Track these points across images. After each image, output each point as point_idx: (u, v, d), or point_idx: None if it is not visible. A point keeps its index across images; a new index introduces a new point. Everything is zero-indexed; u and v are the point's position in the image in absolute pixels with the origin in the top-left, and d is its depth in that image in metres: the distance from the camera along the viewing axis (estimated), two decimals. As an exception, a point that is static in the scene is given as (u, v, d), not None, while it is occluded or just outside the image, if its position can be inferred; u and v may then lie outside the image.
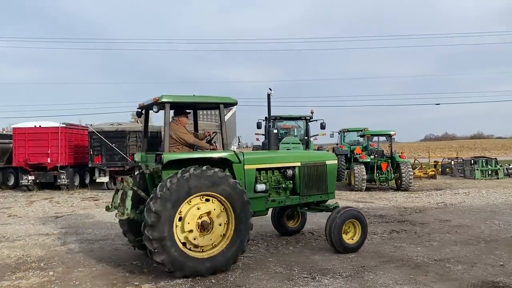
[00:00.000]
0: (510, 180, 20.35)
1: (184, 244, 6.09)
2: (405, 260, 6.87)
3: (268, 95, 8.46)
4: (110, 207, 7.10)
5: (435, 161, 27.39)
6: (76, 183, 20.32)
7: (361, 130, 22.22)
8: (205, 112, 22.39)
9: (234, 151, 6.97)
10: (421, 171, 23.00)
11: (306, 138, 19.89)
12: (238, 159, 6.83)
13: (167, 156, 6.27)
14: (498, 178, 20.88)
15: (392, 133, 18.99)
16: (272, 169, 7.59)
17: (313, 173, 7.88)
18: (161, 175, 6.42)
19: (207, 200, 6.25)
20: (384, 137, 20.03)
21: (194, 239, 6.10)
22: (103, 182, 19.82)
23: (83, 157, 20.57)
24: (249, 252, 7.52)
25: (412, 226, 9.61)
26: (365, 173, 17.41)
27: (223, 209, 6.35)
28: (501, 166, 22.13)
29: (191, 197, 6.09)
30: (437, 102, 60.67)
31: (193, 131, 7.82)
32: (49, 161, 19.27)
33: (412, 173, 17.96)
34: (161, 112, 6.73)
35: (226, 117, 20.69)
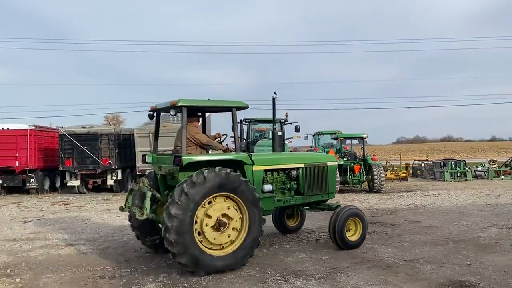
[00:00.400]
0: (478, 181, 20.96)
1: (203, 243, 6.35)
2: (376, 261, 6.98)
3: (273, 99, 8.60)
4: (124, 207, 7.26)
5: (406, 164, 27.96)
6: (46, 187, 19.81)
7: (335, 133, 22.48)
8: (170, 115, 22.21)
9: (248, 153, 7.27)
10: (392, 173, 23.45)
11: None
12: (252, 161, 7.13)
13: (186, 158, 6.49)
14: (466, 180, 21.48)
15: (364, 136, 19.29)
16: (277, 170, 7.89)
17: (315, 174, 8.20)
18: (176, 176, 6.65)
19: (223, 200, 6.54)
20: (357, 140, 20.33)
21: (214, 238, 6.40)
22: (74, 186, 19.38)
23: (53, 160, 20.11)
24: (223, 255, 7.49)
25: (384, 228, 9.77)
26: (338, 175, 17.61)
27: (238, 208, 6.65)
28: (469, 168, 22.77)
29: (208, 198, 6.35)
30: (408, 106, 61.91)
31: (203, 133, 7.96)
32: (17, 164, 18.72)
33: (384, 175, 18.28)
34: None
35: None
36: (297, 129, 20.18)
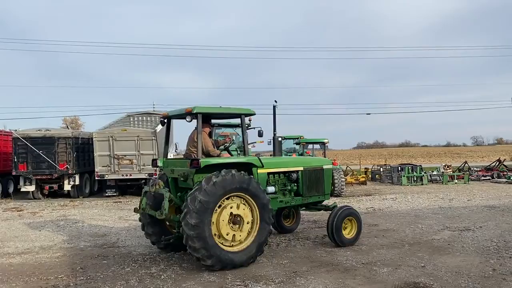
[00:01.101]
0: (433, 186, 21.72)
1: (216, 235, 6.75)
2: (335, 264, 7.10)
3: (274, 107, 9.09)
4: (138, 208, 7.74)
5: (365, 168, 28.62)
6: (-2, 192, 18.96)
7: (297, 138, 22.71)
8: (140, 118, 21.86)
9: (258, 157, 7.78)
10: (352, 177, 23.93)
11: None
12: (261, 163, 7.64)
13: (204, 161, 6.94)
14: (422, 184, 22.21)
15: (325, 141, 19.59)
16: (279, 173, 8.39)
17: (313, 177, 8.78)
18: (191, 178, 7.10)
19: (237, 200, 7.00)
20: (319, 144, 20.62)
21: (227, 234, 6.82)
22: (29, 192, 18.64)
23: (6, 164, 19.32)
24: (183, 262, 7.42)
25: (343, 231, 9.93)
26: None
27: (250, 207, 7.12)
28: (425, 172, 23.55)
29: (224, 197, 6.81)
30: (368, 112, 63.67)
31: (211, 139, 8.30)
32: (-34, 169, 17.84)
33: (344, 179, 18.63)
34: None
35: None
36: (260, 134, 20.16)
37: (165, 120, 8.07)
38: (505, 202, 14.22)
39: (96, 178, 18.45)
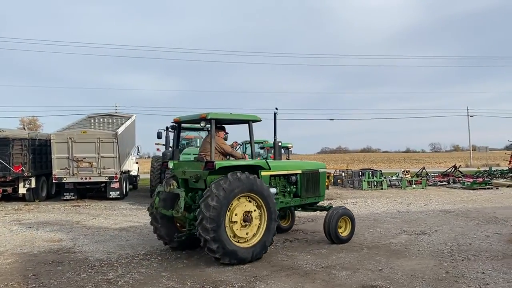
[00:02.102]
0: (392, 190, 22.28)
1: (231, 236, 7.24)
2: (295, 268, 7.15)
3: (275, 114, 9.47)
4: (151, 207, 8.18)
5: (328, 173, 29.02)
6: None
7: (262, 142, 22.80)
8: (102, 120, 21.36)
9: (266, 160, 8.53)
10: (315, 182, 24.20)
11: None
12: (269, 166, 8.28)
13: (219, 163, 7.42)
14: (382, 189, 22.75)
15: (289, 145, 19.78)
16: (280, 175, 8.94)
17: (310, 179, 9.43)
18: (204, 180, 7.59)
19: (248, 199, 7.52)
20: (283, 149, 20.78)
21: (237, 230, 7.34)
22: (-20, 195, 17.77)
23: (-44, 166, 18.29)
24: (141, 267, 7.27)
25: (304, 235, 10.05)
26: None
27: (258, 206, 7.63)
28: (385, 177, 24.16)
29: (238, 196, 7.31)
30: (331, 118, 64.85)
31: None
32: None
33: (307, 184, 18.79)
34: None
35: (125, 126, 19.91)
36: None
37: (176, 125, 8.60)
38: (459, 207, 14.78)
39: (54, 181, 17.82)
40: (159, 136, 18.81)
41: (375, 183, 23.05)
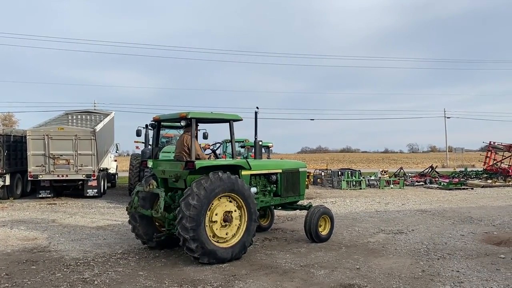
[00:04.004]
0: (371, 190, 22.54)
1: (211, 236, 7.18)
2: (274, 267, 7.16)
3: (255, 113, 9.45)
4: (130, 207, 8.03)
5: (308, 172, 29.19)
6: None
7: (242, 141, 22.77)
8: (80, 117, 20.99)
9: (246, 160, 8.48)
10: (295, 181, 24.31)
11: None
12: (249, 166, 8.22)
13: (199, 163, 7.35)
14: (361, 188, 23.00)
15: (270, 145, 19.82)
16: (261, 175, 8.92)
17: (290, 179, 9.45)
18: (184, 179, 7.55)
19: (228, 199, 7.48)
20: (263, 148, 20.79)
21: (217, 229, 7.28)
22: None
23: None
24: (119, 266, 7.17)
25: (283, 234, 10.08)
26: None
27: (239, 207, 7.59)
28: (363, 177, 24.44)
29: (219, 195, 7.25)
30: (312, 118, 65.25)
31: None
32: None
33: (287, 183, 18.85)
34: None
35: (103, 123, 19.61)
36: (205, 136, 20.13)
37: (156, 123, 8.43)
38: (436, 207, 15.05)
39: (29, 178, 17.43)
40: (138, 134, 18.57)
41: (354, 182, 23.28)
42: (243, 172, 8.22)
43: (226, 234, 7.42)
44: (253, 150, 20.94)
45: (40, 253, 8.20)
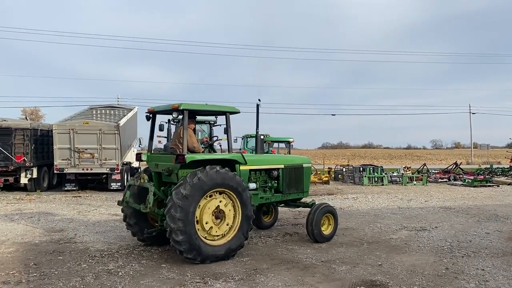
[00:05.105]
0: (393, 186, 22.28)
1: (206, 237, 6.93)
2: (295, 262, 7.17)
3: (257, 106, 9.17)
4: (122, 201, 7.82)
5: (329, 168, 29.06)
6: (-52, 184, 18.02)
7: (263, 136, 22.79)
8: (104, 111, 21.33)
9: (241, 154, 7.97)
10: (316, 176, 24.24)
11: (209, 142, 19.84)
12: (245, 160, 7.81)
13: (189, 157, 7.03)
14: (383, 185, 22.75)
15: (291, 140, 19.80)
16: (261, 170, 8.55)
17: (293, 174, 9.01)
18: (176, 174, 7.25)
19: (220, 194, 7.14)
20: (284, 143, 20.80)
21: (211, 228, 6.99)
22: (-18, 184, 17.82)
23: (-42, 155, 18.33)
24: (142, 258, 7.30)
25: (304, 229, 10.01)
26: None
27: (232, 202, 7.26)
28: (386, 173, 24.15)
29: (208, 192, 6.92)
30: (333, 113, 64.65)
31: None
32: None
33: (307, 178, 18.78)
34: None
35: (126, 118, 19.90)
36: (225, 131, 20.25)
37: (150, 115, 8.13)
38: (460, 204, 14.78)
39: (55, 171, 17.86)
40: (161, 128, 18.69)
41: (375, 179, 23.04)
42: (242, 167, 7.89)
43: (216, 231, 7.07)
44: (274, 145, 21.04)
45: (66, 244, 8.42)
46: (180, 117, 7.82)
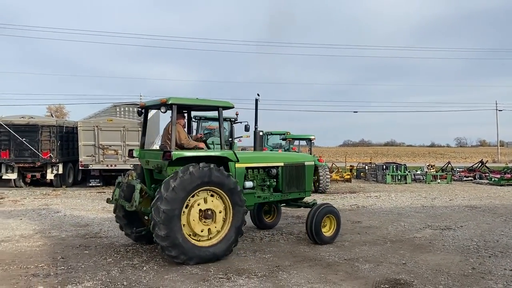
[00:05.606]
0: (416, 185, 21.96)
1: (191, 235, 6.69)
2: (318, 259, 7.14)
3: (256, 100, 8.97)
4: (111, 199, 7.66)
5: (350, 166, 28.81)
6: (-21, 179, 18.61)
7: (284, 134, 22.73)
8: (127, 109, 21.65)
9: (233, 151, 7.66)
10: (337, 174, 24.08)
11: (230, 139, 19.91)
12: (236, 158, 7.46)
13: (176, 154, 6.78)
14: (406, 183, 22.44)
15: (312, 137, 19.67)
16: (258, 168, 8.22)
17: (293, 173, 8.62)
18: (165, 171, 7.01)
19: (208, 193, 6.88)
20: (305, 141, 20.71)
21: (201, 230, 6.76)
22: (10, 179, 18.35)
23: (-13, 151, 18.91)
24: (166, 253, 7.38)
25: (327, 227, 10.00)
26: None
27: (222, 200, 7.00)
28: (409, 172, 23.81)
29: (193, 192, 6.67)
30: (355, 110, 64.09)
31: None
32: None
33: (329, 176, 18.70)
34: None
35: (149, 115, 20.13)
36: (246, 129, 20.21)
37: (142, 110, 7.93)
38: (486, 203, 14.46)
39: (80, 167, 18.26)
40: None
41: (399, 177, 22.74)
42: (238, 165, 7.55)
43: (208, 231, 6.83)
44: (295, 143, 20.95)
45: (92, 238, 8.59)
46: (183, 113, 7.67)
